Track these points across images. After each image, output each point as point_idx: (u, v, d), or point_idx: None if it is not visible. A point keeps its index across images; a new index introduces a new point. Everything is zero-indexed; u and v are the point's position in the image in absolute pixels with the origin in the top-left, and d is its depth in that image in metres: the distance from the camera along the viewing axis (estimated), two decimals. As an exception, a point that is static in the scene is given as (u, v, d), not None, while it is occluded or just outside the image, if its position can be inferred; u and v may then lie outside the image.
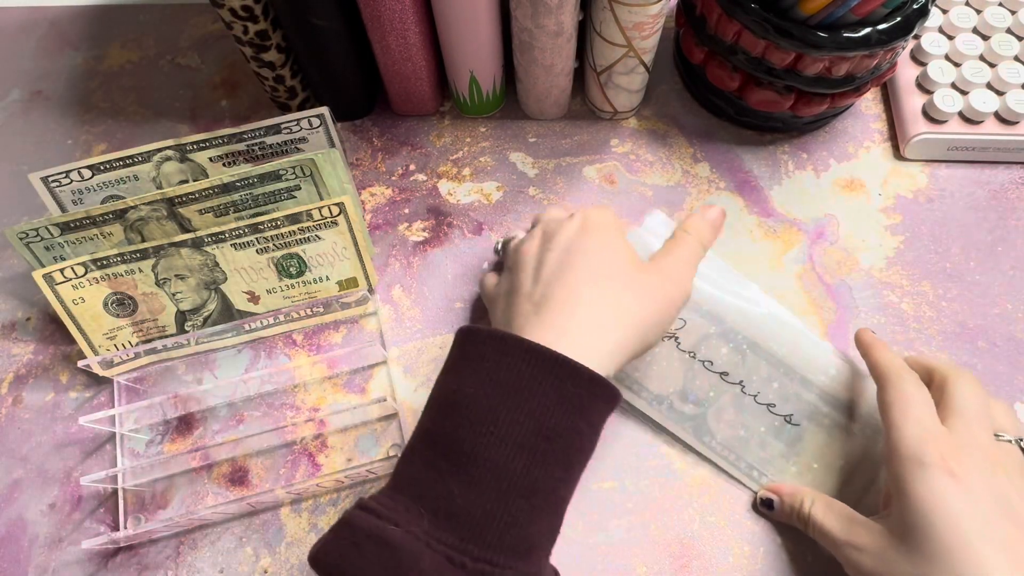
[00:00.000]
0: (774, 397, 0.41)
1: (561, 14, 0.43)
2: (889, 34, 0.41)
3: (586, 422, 0.31)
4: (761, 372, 0.41)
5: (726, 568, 0.39)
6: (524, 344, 0.31)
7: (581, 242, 0.36)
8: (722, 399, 0.41)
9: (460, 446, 0.29)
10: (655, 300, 0.35)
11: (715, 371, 0.42)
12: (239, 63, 0.56)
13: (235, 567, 0.40)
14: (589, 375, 0.31)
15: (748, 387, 0.41)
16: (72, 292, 0.42)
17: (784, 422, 0.41)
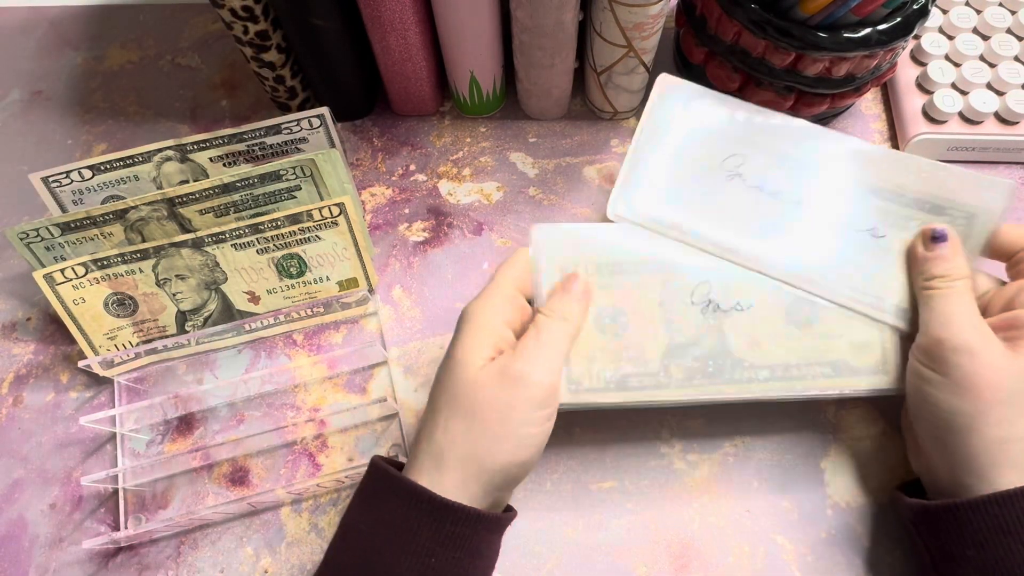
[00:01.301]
0: (854, 213, 0.39)
1: (561, 14, 0.43)
2: (889, 34, 0.41)
3: (469, 553, 0.32)
4: (834, 187, 0.39)
5: (726, 568, 0.39)
6: (407, 486, 0.32)
7: (442, 364, 0.35)
8: (795, 229, 0.39)
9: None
10: (496, 417, 0.32)
11: (788, 201, 0.39)
12: (239, 63, 0.56)
13: (235, 567, 0.40)
14: (467, 513, 0.32)
15: (821, 211, 0.39)
16: (72, 292, 0.42)
17: (871, 236, 0.38)
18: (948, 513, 0.34)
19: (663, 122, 0.40)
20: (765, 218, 0.39)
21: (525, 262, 0.37)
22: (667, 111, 0.40)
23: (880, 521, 0.40)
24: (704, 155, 0.39)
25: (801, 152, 0.39)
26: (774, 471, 0.42)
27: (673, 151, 0.40)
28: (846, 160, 0.39)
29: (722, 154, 0.39)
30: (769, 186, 0.39)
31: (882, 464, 0.41)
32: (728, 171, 0.39)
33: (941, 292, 0.35)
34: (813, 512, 0.41)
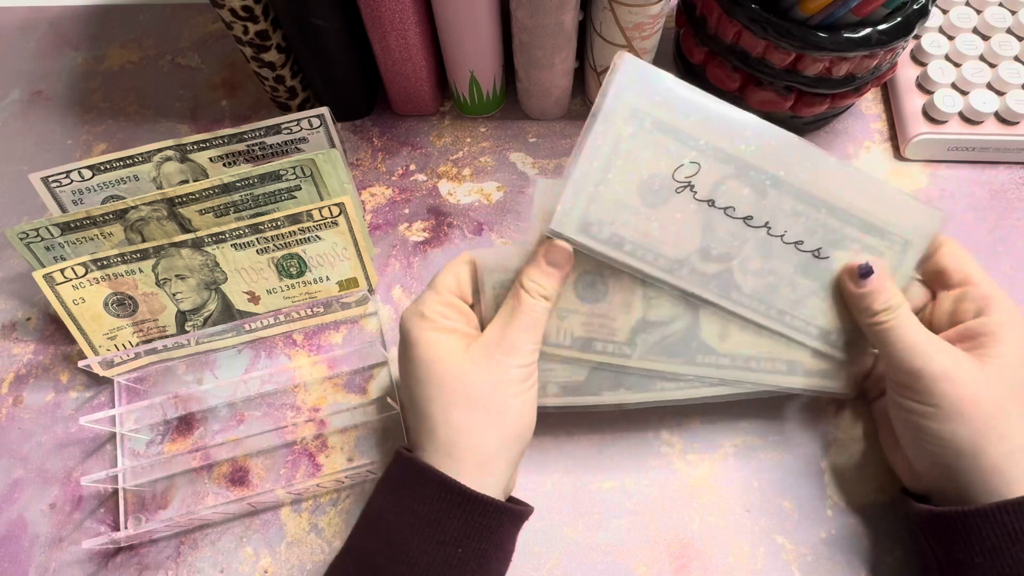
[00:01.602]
0: (801, 233, 0.37)
1: (561, 14, 0.43)
2: (889, 34, 0.41)
3: (493, 545, 0.33)
4: (785, 207, 0.37)
5: (726, 568, 0.39)
6: (437, 477, 0.32)
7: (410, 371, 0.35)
8: (746, 248, 0.37)
9: (375, 570, 0.32)
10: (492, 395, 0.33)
11: (737, 216, 0.37)
12: (239, 63, 0.56)
13: (235, 567, 0.40)
14: (495, 506, 0.32)
15: (774, 228, 0.37)
16: (72, 292, 0.42)
17: (813, 257, 0.38)
18: (958, 520, 0.34)
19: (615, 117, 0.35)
20: (713, 237, 0.37)
21: (463, 272, 0.37)
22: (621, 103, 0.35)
23: (880, 521, 0.40)
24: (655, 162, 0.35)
25: (759, 160, 0.36)
26: (774, 471, 0.42)
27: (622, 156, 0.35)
28: (804, 171, 0.37)
29: (674, 162, 0.36)
30: (722, 200, 0.36)
31: (882, 464, 0.41)
32: (679, 182, 0.36)
33: (891, 324, 0.35)
34: (813, 512, 0.41)
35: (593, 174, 0.35)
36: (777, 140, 0.37)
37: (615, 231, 0.36)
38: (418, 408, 0.34)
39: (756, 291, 0.38)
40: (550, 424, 0.43)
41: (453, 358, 0.34)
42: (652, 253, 0.37)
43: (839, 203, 0.37)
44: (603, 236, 0.36)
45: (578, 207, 0.35)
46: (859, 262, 0.37)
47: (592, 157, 0.35)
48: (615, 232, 0.36)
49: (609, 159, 0.35)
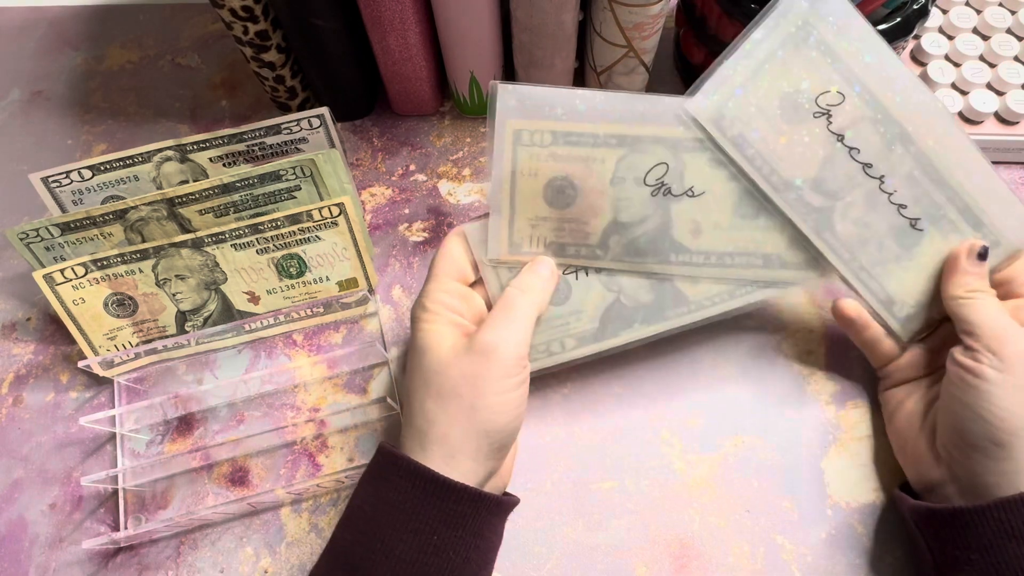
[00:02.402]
0: (908, 197, 0.37)
1: (561, 14, 0.43)
2: (889, 34, 0.41)
3: (470, 533, 0.33)
4: (904, 168, 0.37)
5: (726, 568, 0.39)
6: (410, 466, 0.32)
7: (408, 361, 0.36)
8: (855, 193, 0.37)
9: (352, 559, 0.32)
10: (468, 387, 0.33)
11: (859, 160, 0.37)
12: (239, 63, 0.56)
13: (235, 567, 0.40)
14: (469, 493, 0.32)
15: (887, 184, 0.37)
16: (72, 292, 0.42)
17: (909, 225, 0.38)
18: (954, 517, 0.34)
19: (785, 20, 0.35)
20: (829, 171, 0.37)
21: (457, 250, 0.37)
22: (796, 8, 0.35)
23: (880, 521, 0.40)
24: (805, 79, 0.36)
25: (899, 114, 0.36)
26: (774, 471, 0.42)
27: (777, 62, 0.36)
28: (934, 139, 0.37)
29: (823, 85, 0.36)
30: (850, 139, 0.36)
31: (882, 464, 0.41)
32: (820, 107, 0.36)
33: (986, 300, 0.36)
34: (813, 512, 0.41)
35: (744, 70, 0.35)
36: (923, 101, 0.37)
37: (743, 132, 0.36)
38: (406, 397, 0.35)
39: (848, 239, 0.38)
40: (550, 423, 0.43)
41: (440, 350, 0.34)
42: (768, 166, 0.37)
43: (952, 181, 0.37)
44: (732, 133, 0.36)
45: (718, 98, 0.36)
46: (983, 243, 0.37)
47: (749, 53, 0.35)
48: (742, 133, 0.36)
49: (764, 61, 0.35)
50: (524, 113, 0.36)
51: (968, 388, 0.35)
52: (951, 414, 0.36)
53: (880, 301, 0.39)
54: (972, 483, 0.35)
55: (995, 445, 0.34)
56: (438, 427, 0.33)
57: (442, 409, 0.33)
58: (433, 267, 0.37)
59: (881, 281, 0.39)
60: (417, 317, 0.36)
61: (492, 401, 0.33)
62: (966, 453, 0.35)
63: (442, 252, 0.37)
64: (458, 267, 0.37)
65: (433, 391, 0.34)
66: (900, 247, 0.38)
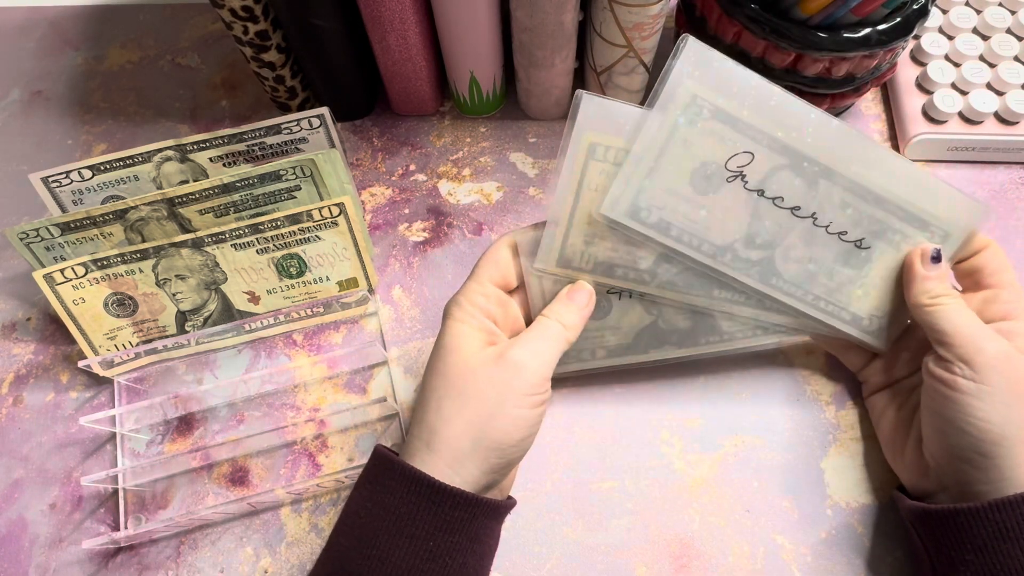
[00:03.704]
0: (846, 223, 0.38)
1: (561, 14, 0.43)
2: (889, 34, 0.41)
3: (467, 538, 0.33)
4: (834, 199, 0.37)
5: (726, 568, 0.39)
6: (406, 471, 0.32)
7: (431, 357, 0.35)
8: (790, 236, 0.38)
9: (349, 565, 0.32)
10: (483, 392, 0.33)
11: (785, 207, 0.37)
12: (239, 63, 0.56)
13: (235, 567, 0.40)
14: (465, 498, 0.32)
15: (820, 218, 0.37)
16: (72, 292, 0.42)
17: (854, 247, 0.38)
18: (949, 517, 0.34)
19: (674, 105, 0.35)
20: (759, 225, 0.37)
21: (504, 255, 0.37)
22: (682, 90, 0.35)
23: (880, 521, 0.40)
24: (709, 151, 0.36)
25: (814, 152, 0.36)
26: (774, 471, 0.42)
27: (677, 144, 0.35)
28: (857, 163, 0.37)
29: (729, 151, 0.36)
30: (771, 190, 0.37)
31: (882, 464, 0.41)
32: (731, 171, 0.36)
33: (951, 306, 0.36)
34: (813, 512, 0.41)
35: (646, 161, 0.35)
36: (835, 132, 0.37)
37: (663, 216, 0.36)
38: (422, 391, 0.35)
39: (795, 278, 0.38)
40: (550, 423, 0.43)
41: (467, 353, 0.34)
42: (697, 239, 0.37)
43: (886, 194, 0.37)
44: (651, 221, 0.36)
45: (629, 192, 0.36)
46: (934, 246, 0.37)
47: (647, 144, 0.35)
48: (663, 218, 0.36)
49: (664, 147, 0.35)
50: (603, 126, 0.35)
51: (945, 400, 0.35)
52: (933, 426, 0.36)
53: (846, 322, 0.39)
54: (962, 492, 0.35)
55: (980, 455, 0.34)
56: (452, 428, 0.33)
57: (459, 411, 0.33)
58: (477, 268, 0.37)
59: (842, 304, 0.39)
60: (450, 314, 0.35)
61: (512, 414, 0.33)
62: (952, 464, 0.35)
63: (489, 255, 0.37)
64: (501, 272, 0.37)
65: (454, 391, 0.33)
66: (852, 269, 0.39)
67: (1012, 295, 0.36)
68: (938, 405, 0.35)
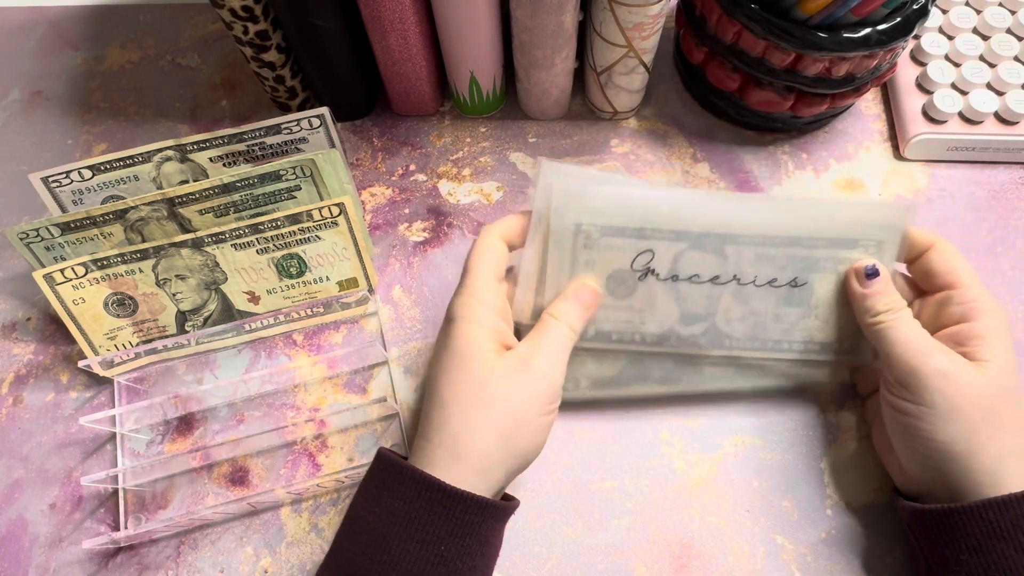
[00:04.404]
0: (772, 272, 0.39)
1: (561, 14, 0.43)
2: (889, 34, 0.41)
3: (477, 541, 0.33)
4: (748, 257, 0.39)
5: (726, 568, 0.39)
6: (417, 476, 0.32)
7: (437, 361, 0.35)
8: (723, 302, 0.39)
9: (357, 571, 0.32)
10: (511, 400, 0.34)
11: (704, 281, 0.39)
12: (239, 63, 0.56)
13: (235, 567, 0.40)
14: (478, 502, 0.32)
15: (743, 278, 0.39)
16: (72, 292, 0.42)
17: (791, 288, 0.39)
18: (944, 517, 0.34)
19: (564, 238, 0.38)
20: (688, 304, 0.39)
21: (499, 249, 0.37)
22: (565, 224, 0.38)
23: (880, 521, 0.40)
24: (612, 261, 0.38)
25: (707, 228, 0.38)
26: (774, 471, 0.42)
27: (581, 266, 0.38)
28: (754, 220, 0.38)
29: (629, 255, 0.38)
30: (684, 272, 0.39)
31: (882, 464, 0.41)
32: (639, 270, 0.39)
33: (892, 324, 0.36)
34: (813, 512, 0.41)
35: (560, 285, 0.38)
36: (717, 202, 0.39)
37: (598, 327, 0.39)
38: (439, 397, 0.34)
39: (746, 332, 0.40)
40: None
41: (487, 359, 0.34)
42: (638, 335, 0.40)
43: (799, 232, 0.39)
44: (590, 335, 0.39)
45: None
46: (866, 263, 0.37)
47: (556, 274, 0.38)
48: (599, 328, 0.39)
49: (571, 271, 0.38)
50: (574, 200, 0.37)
51: (894, 421, 0.36)
52: (893, 441, 0.37)
53: (818, 351, 0.40)
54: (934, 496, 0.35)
55: (934, 470, 0.34)
56: (481, 438, 0.33)
57: (487, 420, 0.33)
58: (475, 263, 0.36)
59: (804, 338, 0.40)
60: (460, 315, 0.35)
61: (538, 422, 0.34)
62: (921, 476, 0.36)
63: (484, 248, 0.37)
64: (500, 263, 0.37)
65: (481, 401, 0.33)
66: (797, 307, 0.40)
67: (966, 294, 0.36)
68: (891, 424, 0.36)
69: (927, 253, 0.38)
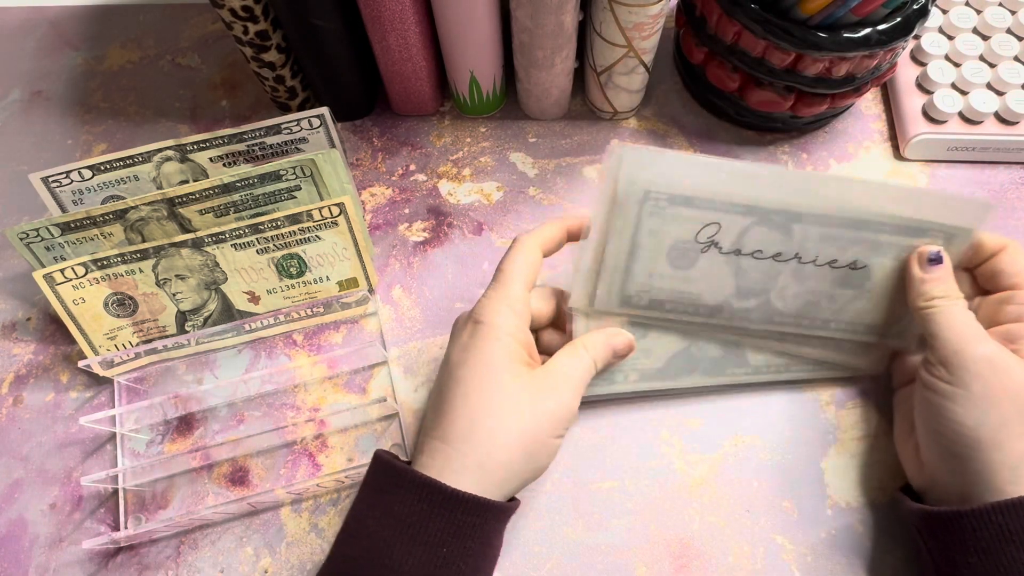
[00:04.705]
0: (834, 253, 0.38)
1: (561, 14, 0.43)
2: (889, 34, 0.41)
3: (479, 542, 0.33)
4: (813, 236, 0.38)
5: (726, 568, 0.39)
6: (417, 479, 0.32)
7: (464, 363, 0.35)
8: (780, 279, 0.39)
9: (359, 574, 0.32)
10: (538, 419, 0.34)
11: (766, 257, 0.39)
12: (239, 63, 0.56)
13: (235, 567, 0.40)
14: (481, 503, 0.32)
15: (804, 256, 0.39)
16: (72, 292, 0.42)
17: (849, 270, 0.39)
18: (953, 520, 0.34)
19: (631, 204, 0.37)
20: (746, 279, 0.39)
21: (532, 256, 0.37)
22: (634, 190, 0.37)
23: (880, 521, 0.40)
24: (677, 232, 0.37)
25: (777, 204, 0.37)
26: (774, 471, 0.42)
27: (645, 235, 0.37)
28: (825, 200, 0.38)
29: (695, 227, 0.37)
30: (748, 247, 0.38)
31: (882, 464, 0.41)
32: (703, 243, 0.38)
33: (944, 308, 0.36)
34: (813, 512, 0.41)
35: (623, 256, 0.38)
36: (792, 181, 0.38)
37: (653, 296, 0.39)
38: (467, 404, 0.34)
39: (797, 310, 0.40)
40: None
41: (522, 377, 0.35)
42: (692, 306, 0.39)
43: (868, 216, 0.38)
44: (643, 303, 0.39)
45: (615, 285, 0.38)
46: (931, 248, 0.37)
47: (619, 242, 0.37)
48: (653, 297, 0.39)
49: (634, 240, 0.37)
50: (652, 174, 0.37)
51: (925, 402, 0.35)
52: (922, 429, 0.37)
53: (863, 333, 0.41)
54: (944, 492, 0.35)
55: (954, 457, 0.34)
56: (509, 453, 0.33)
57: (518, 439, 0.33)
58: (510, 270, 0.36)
59: (853, 319, 0.40)
60: (494, 324, 0.35)
61: (551, 444, 0.35)
62: (935, 462, 0.36)
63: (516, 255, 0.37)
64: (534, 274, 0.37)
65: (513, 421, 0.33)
66: (852, 289, 0.40)
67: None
68: (920, 406, 0.36)
69: (1000, 254, 0.38)
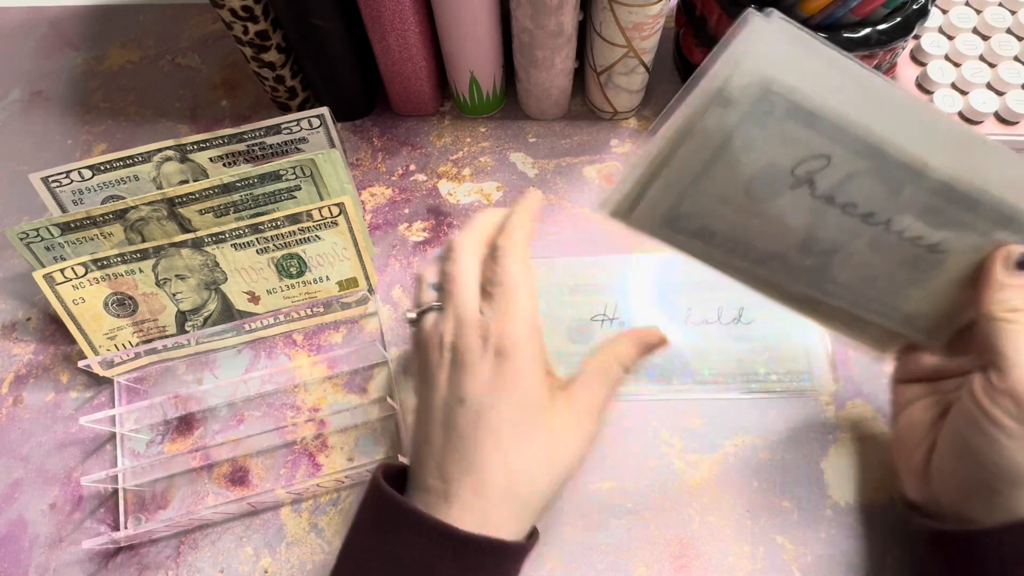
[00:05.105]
0: (925, 229, 0.31)
1: (561, 14, 0.43)
2: (889, 34, 0.41)
3: None
4: (918, 204, 0.31)
5: (726, 568, 0.39)
6: (424, 521, 0.30)
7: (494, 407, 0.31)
8: (855, 243, 0.32)
9: None
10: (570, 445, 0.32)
11: (856, 214, 0.31)
12: (239, 63, 0.56)
13: (235, 567, 0.40)
14: (493, 545, 0.30)
15: (895, 224, 0.31)
16: (72, 292, 0.42)
17: (927, 252, 0.32)
18: (966, 539, 0.32)
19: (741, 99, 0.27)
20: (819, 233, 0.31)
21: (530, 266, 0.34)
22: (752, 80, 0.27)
23: (880, 521, 0.40)
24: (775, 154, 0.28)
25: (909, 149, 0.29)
26: (774, 471, 0.42)
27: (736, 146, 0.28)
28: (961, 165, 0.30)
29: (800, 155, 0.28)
30: (843, 196, 0.30)
31: (882, 464, 0.41)
32: (798, 176, 0.29)
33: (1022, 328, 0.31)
34: (813, 512, 0.41)
35: (698, 163, 0.28)
36: (946, 132, 0.30)
37: (705, 224, 0.31)
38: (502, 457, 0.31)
39: (850, 282, 0.33)
40: (550, 424, 0.43)
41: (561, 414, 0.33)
42: (743, 245, 0.31)
43: (980, 195, 0.31)
44: (691, 228, 0.31)
45: (669, 199, 0.30)
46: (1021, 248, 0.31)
47: (700, 144, 0.28)
48: (706, 225, 0.31)
49: (720, 148, 0.28)
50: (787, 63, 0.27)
51: (978, 431, 0.31)
52: (952, 446, 0.33)
53: (898, 321, 0.35)
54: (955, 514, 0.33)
55: (989, 490, 0.31)
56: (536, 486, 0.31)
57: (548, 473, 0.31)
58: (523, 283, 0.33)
59: (895, 306, 0.34)
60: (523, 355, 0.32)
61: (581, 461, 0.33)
62: (956, 485, 0.33)
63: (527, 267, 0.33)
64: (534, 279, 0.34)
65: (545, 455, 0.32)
66: (918, 272, 0.33)
67: None
68: (967, 430, 0.32)
69: None
